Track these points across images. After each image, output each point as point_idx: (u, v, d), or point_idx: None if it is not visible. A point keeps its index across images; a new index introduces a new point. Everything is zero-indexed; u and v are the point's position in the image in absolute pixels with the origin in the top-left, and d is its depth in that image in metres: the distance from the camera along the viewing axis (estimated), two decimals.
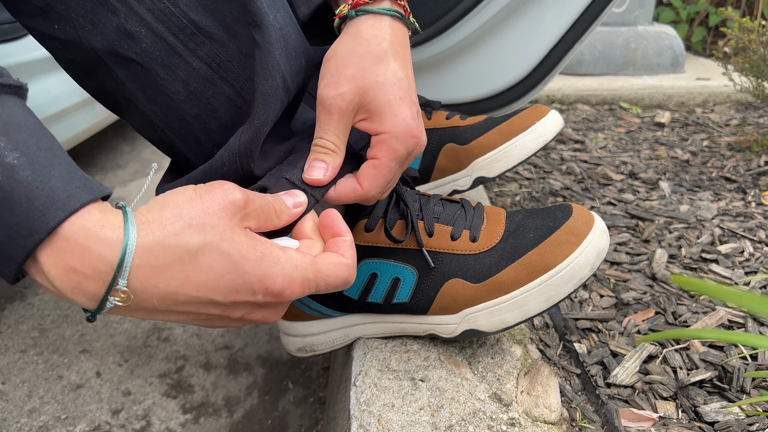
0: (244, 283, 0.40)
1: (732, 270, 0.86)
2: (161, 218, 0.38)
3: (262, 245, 0.41)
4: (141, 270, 0.37)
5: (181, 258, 0.38)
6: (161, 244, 0.37)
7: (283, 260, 0.42)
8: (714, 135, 1.53)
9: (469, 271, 0.58)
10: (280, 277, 0.41)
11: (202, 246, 0.38)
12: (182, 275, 0.38)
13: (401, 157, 0.52)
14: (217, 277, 0.39)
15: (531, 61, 1.09)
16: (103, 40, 0.47)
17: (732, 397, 0.61)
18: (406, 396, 0.56)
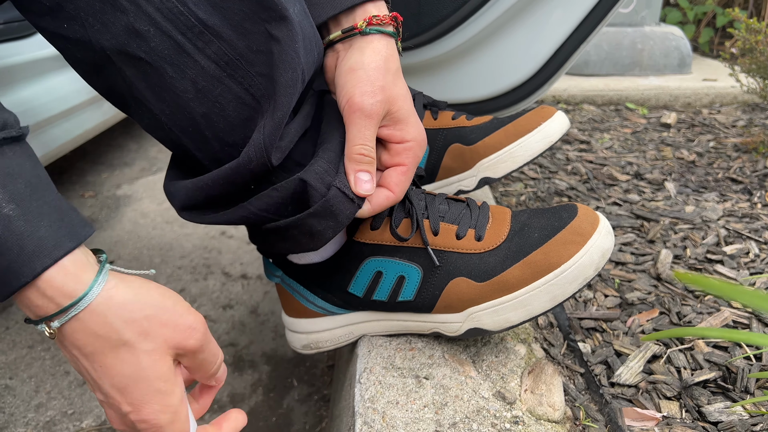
0: (126, 396, 0.45)
1: (737, 271, 0.86)
2: (126, 299, 0.44)
3: (172, 384, 0.46)
4: (79, 322, 0.42)
5: (110, 340, 0.43)
6: (107, 319, 0.43)
7: (167, 413, 0.46)
8: (720, 136, 1.53)
9: (473, 270, 0.58)
10: (152, 414, 0.45)
11: (128, 342, 0.44)
12: (101, 352, 0.43)
13: (418, 160, 0.59)
14: (121, 374, 0.44)
15: (537, 62, 1.09)
16: (112, 39, 0.47)
17: (736, 398, 0.61)
18: (411, 393, 0.57)
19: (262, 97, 0.52)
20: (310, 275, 0.65)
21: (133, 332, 0.43)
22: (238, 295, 1.12)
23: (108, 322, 0.42)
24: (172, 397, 0.46)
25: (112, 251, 1.27)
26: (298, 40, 0.50)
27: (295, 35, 0.49)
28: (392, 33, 0.59)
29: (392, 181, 0.57)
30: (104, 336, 0.43)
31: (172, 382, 0.46)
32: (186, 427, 0.47)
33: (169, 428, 0.45)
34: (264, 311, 1.08)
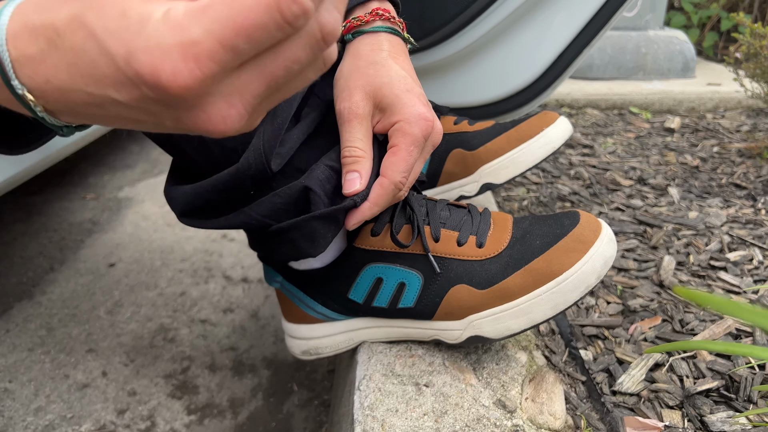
0: (117, 70, 0.27)
1: (741, 278, 0.85)
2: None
3: (138, 7, 0.27)
4: (20, 64, 0.29)
5: (52, 40, 0.29)
6: (28, 26, 0.29)
7: (152, 23, 0.26)
8: (724, 141, 1.52)
9: (475, 277, 0.58)
10: (143, 53, 0.26)
11: (69, 21, 0.28)
12: (62, 63, 0.29)
13: (418, 141, 0.55)
14: (91, 63, 0.28)
15: (541, 65, 1.08)
16: None
17: (739, 407, 0.60)
18: (410, 401, 0.56)
19: None
20: (310, 281, 0.64)
21: (59, 8, 0.28)
22: (238, 299, 1.12)
23: (33, 27, 0.29)
24: (137, 22, 0.27)
25: (113, 254, 1.27)
26: None
27: None
28: (378, 28, 0.59)
29: (383, 165, 0.56)
30: (45, 45, 0.29)
31: (138, 5, 0.27)
32: (190, 32, 0.26)
33: (170, 47, 0.26)
34: (265, 315, 1.08)
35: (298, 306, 0.66)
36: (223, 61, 0.26)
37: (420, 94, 0.57)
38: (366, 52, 0.58)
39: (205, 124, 0.29)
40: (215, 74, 0.27)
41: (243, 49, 0.26)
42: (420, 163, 0.58)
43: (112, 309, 1.08)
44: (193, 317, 1.06)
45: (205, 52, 0.26)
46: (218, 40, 0.26)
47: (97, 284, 1.16)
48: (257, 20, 0.25)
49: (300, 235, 0.56)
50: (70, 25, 0.28)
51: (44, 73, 0.29)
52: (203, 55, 0.26)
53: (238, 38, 0.26)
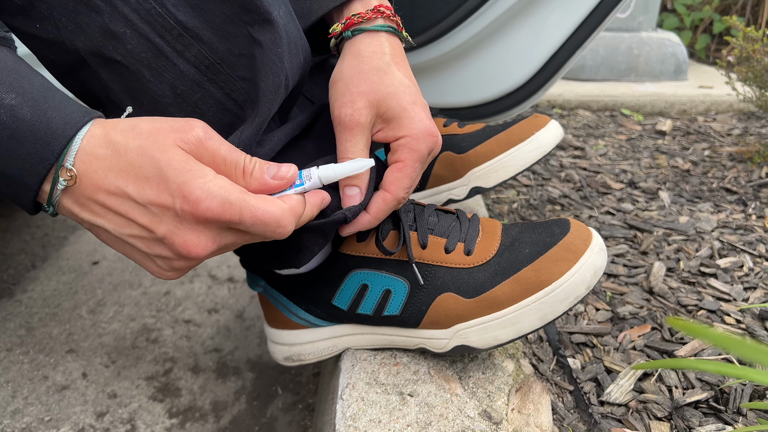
0: (165, 189, 0.41)
1: (731, 285, 0.84)
2: (118, 122, 0.43)
3: (195, 164, 0.42)
4: (85, 153, 0.41)
5: (118, 152, 0.41)
6: (107, 136, 0.42)
7: (208, 178, 0.42)
8: (715, 145, 1.52)
9: (462, 286, 0.57)
10: (198, 189, 0.41)
11: (137, 148, 0.41)
12: (117, 168, 0.41)
13: (423, 157, 0.54)
14: (144, 177, 0.41)
15: (533, 66, 1.07)
16: (87, 41, 0.45)
17: (728, 419, 0.60)
18: (394, 411, 0.55)
19: (244, 103, 0.50)
20: (293, 286, 0.63)
21: (133, 139, 0.42)
22: (224, 299, 1.10)
23: (109, 139, 0.42)
24: (199, 171, 0.42)
25: (97, 251, 1.25)
26: (281, 44, 0.48)
27: (278, 39, 0.47)
28: (379, 27, 0.56)
29: (387, 180, 0.55)
30: (111, 152, 0.41)
31: (195, 163, 0.42)
32: (231, 195, 0.42)
33: (216, 196, 0.41)
34: (250, 316, 1.06)
35: (281, 311, 0.64)
36: (233, 220, 0.42)
37: (424, 105, 0.55)
38: (368, 55, 0.55)
39: (187, 245, 0.43)
40: (226, 222, 0.42)
41: (246, 224, 0.43)
42: (419, 175, 0.57)
43: (94, 308, 1.06)
44: (177, 317, 1.04)
45: (230, 210, 0.42)
46: (240, 211, 0.42)
47: (79, 282, 1.14)
48: (265, 221, 0.43)
49: (286, 246, 0.55)
50: (137, 150, 0.41)
51: (96, 164, 0.41)
52: (228, 211, 0.42)
53: (249, 219, 0.43)
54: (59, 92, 0.43)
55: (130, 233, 0.43)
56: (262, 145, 0.53)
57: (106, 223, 0.43)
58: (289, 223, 0.45)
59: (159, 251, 0.44)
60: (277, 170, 0.46)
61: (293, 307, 0.63)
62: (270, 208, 0.43)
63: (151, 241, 0.43)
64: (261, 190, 0.46)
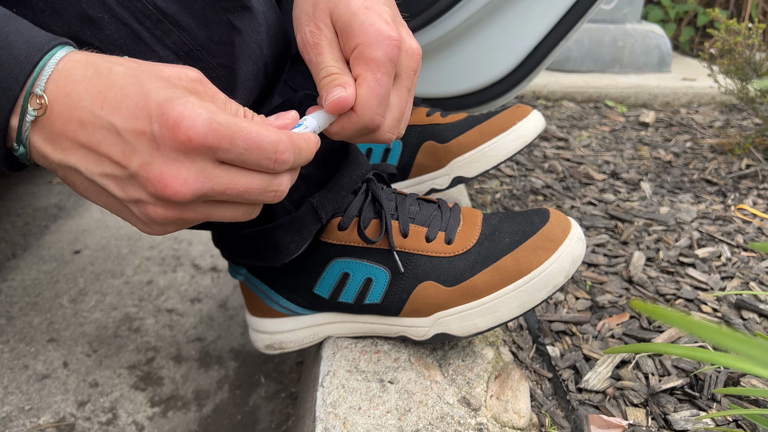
0: (145, 106, 0.36)
1: (708, 275, 0.85)
2: (105, 55, 0.40)
3: (184, 90, 0.38)
4: (60, 75, 0.37)
5: (100, 72, 0.37)
6: (89, 59, 0.38)
7: (194, 98, 0.37)
8: (697, 136, 1.54)
9: (442, 274, 0.57)
10: (181, 106, 0.36)
11: (125, 71, 0.38)
12: (95, 89, 0.37)
13: (384, 66, 0.47)
14: (122, 97, 0.37)
15: (517, 56, 1.08)
16: (64, 26, 0.45)
17: (702, 405, 0.61)
18: (374, 398, 0.55)
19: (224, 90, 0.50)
20: (274, 275, 0.63)
21: (121, 64, 0.38)
22: (207, 289, 1.10)
23: (92, 62, 0.38)
24: (183, 92, 0.38)
25: (79, 240, 1.24)
26: (261, 31, 0.48)
27: (257, 26, 0.47)
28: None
29: (356, 102, 0.47)
30: (92, 73, 0.37)
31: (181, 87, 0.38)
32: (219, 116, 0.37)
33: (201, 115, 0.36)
34: (233, 305, 1.06)
35: (262, 299, 0.65)
36: (222, 146, 0.37)
37: (382, 11, 0.48)
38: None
39: (164, 179, 0.37)
40: (212, 147, 0.36)
41: (238, 151, 0.37)
42: (401, 94, 0.50)
43: (75, 297, 1.05)
44: (160, 307, 1.04)
45: (219, 130, 0.36)
46: (231, 132, 0.37)
47: (60, 272, 1.13)
48: (261, 144, 0.38)
49: (263, 245, 0.55)
50: (125, 73, 0.37)
51: (72, 88, 0.37)
52: (218, 131, 0.36)
53: (243, 143, 0.37)
54: (22, 20, 0.39)
55: (101, 172, 0.38)
56: None
57: (77, 161, 0.38)
58: (287, 150, 0.39)
59: (133, 193, 0.38)
60: (278, 115, 0.43)
61: (274, 295, 0.63)
62: (265, 131, 0.38)
63: (124, 181, 0.38)
64: None
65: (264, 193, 0.41)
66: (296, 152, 0.40)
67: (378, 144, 0.82)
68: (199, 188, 0.37)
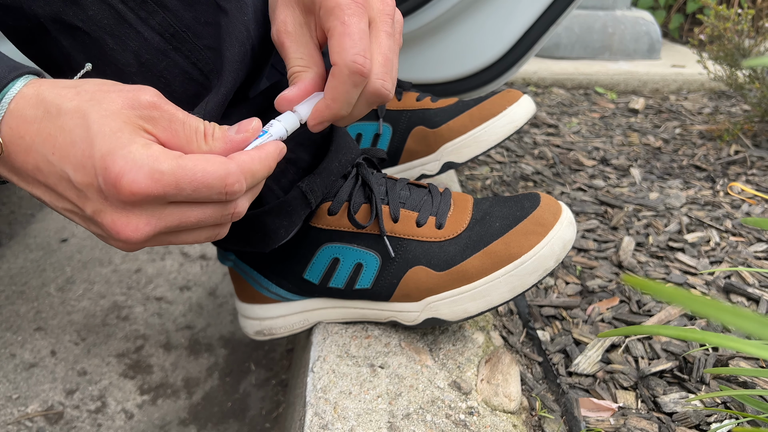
0: (90, 157, 0.36)
1: (697, 259, 0.86)
2: (59, 82, 0.39)
3: (130, 133, 0.36)
4: (13, 116, 0.37)
5: (50, 113, 0.37)
6: (40, 96, 0.37)
7: (136, 146, 0.36)
8: (686, 123, 1.54)
9: (433, 259, 0.57)
10: (122, 159, 0.35)
11: (74, 109, 0.37)
12: (45, 132, 0.37)
13: (352, 8, 0.44)
14: (70, 143, 0.36)
15: (506, 42, 1.07)
16: (46, 6, 0.44)
17: (691, 388, 0.61)
18: (364, 383, 0.55)
19: (210, 72, 0.49)
20: (264, 260, 0.62)
21: (71, 99, 0.37)
22: (196, 276, 1.09)
23: (43, 98, 0.37)
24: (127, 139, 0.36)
25: (66, 228, 1.23)
26: (248, 12, 0.47)
27: (244, 7, 0.46)
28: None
29: (329, 51, 0.45)
30: (42, 113, 0.37)
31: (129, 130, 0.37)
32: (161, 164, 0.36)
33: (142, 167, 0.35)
34: (223, 293, 1.05)
35: (251, 285, 0.64)
36: (168, 193, 0.36)
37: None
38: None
39: (116, 226, 0.37)
40: (158, 197, 0.36)
41: (186, 193, 0.37)
42: (379, 38, 0.46)
43: (63, 286, 1.04)
44: (149, 295, 1.03)
45: (162, 180, 0.36)
46: (175, 179, 0.36)
47: (47, 260, 1.12)
48: (208, 183, 0.37)
49: (252, 230, 0.55)
50: (73, 112, 0.36)
51: (24, 130, 0.37)
52: (160, 182, 0.36)
53: (188, 186, 0.36)
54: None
55: (63, 207, 0.39)
56: (228, 118, 0.52)
57: (41, 195, 0.39)
58: (237, 180, 0.38)
59: (94, 229, 0.40)
60: (239, 125, 0.42)
61: (264, 281, 0.63)
62: (210, 167, 0.37)
63: (84, 218, 0.39)
64: (227, 151, 0.40)
65: (220, 219, 0.41)
66: (249, 178, 0.39)
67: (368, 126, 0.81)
68: (151, 231, 0.38)
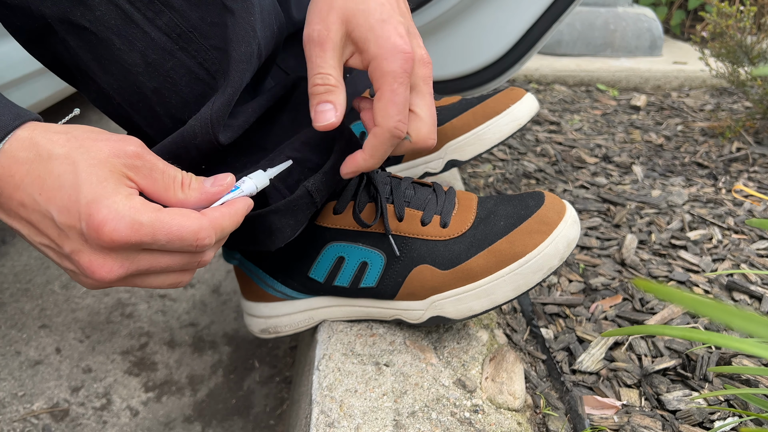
0: (75, 202, 0.39)
1: (700, 257, 0.86)
2: (52, 126, 0.42)
3: (115, 183, 0.40)
4: (6, 155, 0.40)
5: (41, 156, 0.40)
6: (33, 140, 0.40)
7: (120, 197, 0.40)
8: (688, 120, 1.54)
9: (438, 258, 0.57)
10: (106, 209, 0.39)
11: (64, 155, 0.40)
12: (35, 173, 0.40)
13: (399, 77, 0.49)
14: (58, 187, 0.40)
15: (509, 40, 1.07)
16: (53, 6, 0.44)
17: (695, 386, 0.61)
18: (370, 381, 0.56)
19: (216, 72, 0.49)
20: (269, 259, 0.63)
21: (61, 145, 0.40)
22: (200, 274, 1.10)
23: (36, 142, 0.40)
24: (113, 190, 0.40)
25: None
26: (254, 12, 0.47)
27: (251, 7, 0.47)
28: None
29: (374, 115, 0.50)
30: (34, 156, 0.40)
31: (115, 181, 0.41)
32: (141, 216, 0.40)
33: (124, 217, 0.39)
34: (226, 290, 1.06)
35: (257, 284, 0.64)
36: (145, 242, 0.40)
37: (398, 23, 0.50)
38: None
39: (92, 266, 0.41)
40: (135, 244, 0.40)
41: (162, 243, 0.41)
42: (425, 100, 0.52)
43: (67, 283, 1.04)
44: (152, 292, 1.03)
45: (141, 230, 0.39)
46: (153, 230, 0.40)
47: None
48: (182, 236, 0.41)
49: (258, 229, 0.55)
50: (63, 158, 0.40)
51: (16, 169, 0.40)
52: (139, 232, 0.39)
53: (164, 237, 0.40)
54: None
55: (40, 242, 0.42)
56: (235, 117, 0.52)
57: (20, 228, 0.42)
58: (208, 235, 0.42)
59: (67, 265, 0.43)
60: (215, 179, 0.45)
61: (269, 279, 0.63)
62: (185, 222, 0.41)
63: (60, 255, 0.42)
64: (201, 201, 0.44)
65: (187, 266, 0.45)
66: (218, 232, 0.44)
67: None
68: (123, 273, 0.42)
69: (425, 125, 0.52)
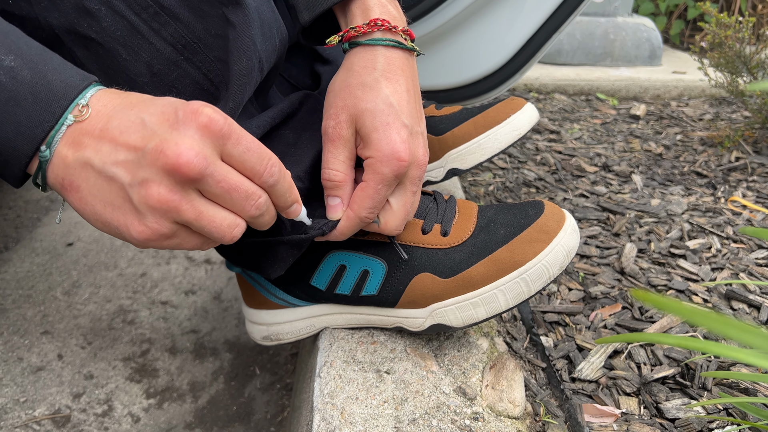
0: (171, 103, 0.41)
1: (699, 266, 0.86)
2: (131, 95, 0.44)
3: None
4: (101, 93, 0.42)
5: (131, 94, 0.43)
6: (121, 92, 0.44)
7: (210, 108, 0.42)
8: (687, 129, 1.55)
9: (438, 266, 0.58)
10: (202, 105, 0.41)
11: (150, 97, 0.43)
12: (127, 101, 0.42)
13: (386, 180, 0.52)
14: (152, 102, 0.42)
15: (510, 50, 1.08)
16: (61, 18, 0.44)
17: (694, 394, 0.62)
18: (371, 388, 0.56)
19: (220, 84, 0.50)
20: None
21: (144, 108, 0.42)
22: (201, 281, 1.10)
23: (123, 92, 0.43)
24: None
25: (71, 233, 1.24)
26: (254, 26, 0.48)
27: (250, 21, 0.47)
28: (375, 41, 0.54)
29: (353, 198, 0.54)
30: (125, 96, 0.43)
31: None
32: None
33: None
34: (227, 297, 1.06)
35: (259, 291, 0.65)
36: (231, 137, 0.41)
37: (402, 125, 0.52)
38: (358, 69, 0.54)
39: (179, 147, 0.39)
40: (225, 135, 0.41)
41: (240, 150, 0.42)
42: (405, 197, 0.55)
43: (69, 290, 1.05)
44: (154, 299, 1.04)
45: (232, 126, 0.41)
46: (238, 136, 0.42)
47: (54, 264, 1.12)
48: (260, 152, 0.43)
49: (263, 256, 0.56)
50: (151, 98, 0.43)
51: (110, 100, 0.42)
52: (231, 126, 0.41)
53: (244, 145, 0.42)
54: (56, 55, 0.42)
55: (114, 160, 0.40)
56: None
57: (93, 155, 0.41)
58: (279, 171, 0.44)
59: (141, 173, 0.40)
60: None
61: (271, 287, 0.64)
62: (263, 146, 0.43)
63: (135, 163, 0.40)
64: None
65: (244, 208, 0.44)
66: (280, 180, 0.45)
67: None
68: (205, 167, 0.40)
69: (395, 219, 0.55)
